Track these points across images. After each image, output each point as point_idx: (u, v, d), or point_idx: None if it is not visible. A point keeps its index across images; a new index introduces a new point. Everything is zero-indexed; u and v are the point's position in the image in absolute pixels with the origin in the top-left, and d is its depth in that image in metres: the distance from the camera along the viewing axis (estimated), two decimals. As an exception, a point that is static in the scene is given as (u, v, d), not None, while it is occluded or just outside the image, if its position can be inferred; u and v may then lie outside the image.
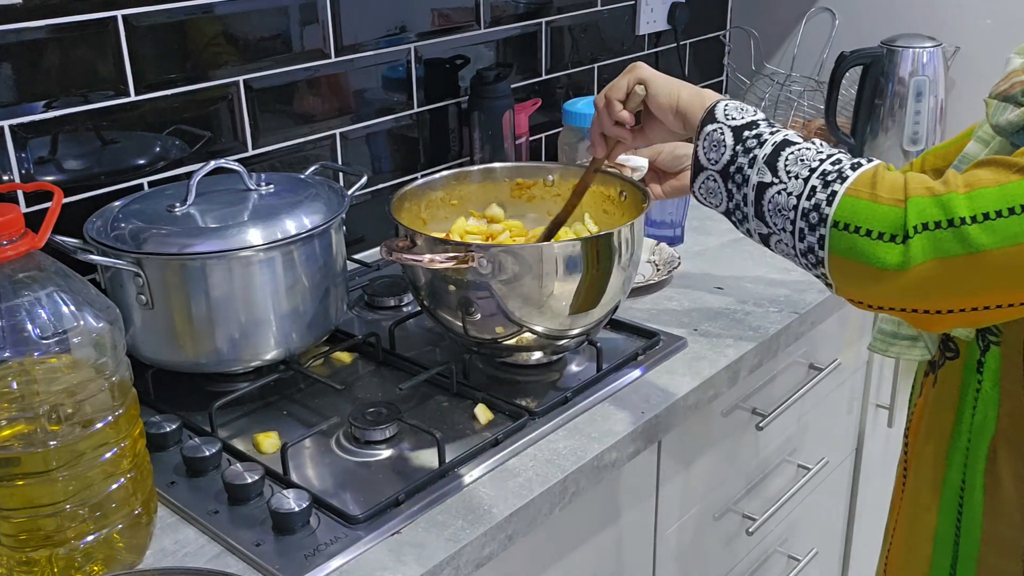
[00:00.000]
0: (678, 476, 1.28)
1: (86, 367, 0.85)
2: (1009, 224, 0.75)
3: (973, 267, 0.76)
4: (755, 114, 0.90)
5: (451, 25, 1.63)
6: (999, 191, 0.76)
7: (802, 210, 0.82)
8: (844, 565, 1.87)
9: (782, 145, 0.86)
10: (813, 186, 0.82)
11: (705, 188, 0.91)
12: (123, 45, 1.24)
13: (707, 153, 0.90)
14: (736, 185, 0.87)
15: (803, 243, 0.83)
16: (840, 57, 1.86)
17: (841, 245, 0.80)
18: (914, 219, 0.77)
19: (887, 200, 0.79)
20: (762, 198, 0.85)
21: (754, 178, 0.85)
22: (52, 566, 0.86)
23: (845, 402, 1.67)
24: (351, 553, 0.91)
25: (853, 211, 0.79)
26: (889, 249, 0.78)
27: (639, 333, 1.29)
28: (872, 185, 0.80)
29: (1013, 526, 0.94)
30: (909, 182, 0.80)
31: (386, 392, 1.18)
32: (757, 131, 0.87)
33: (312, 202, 1.17)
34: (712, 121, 0.90)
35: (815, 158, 0.84)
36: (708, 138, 0.90)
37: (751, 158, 0.86)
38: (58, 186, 0.93)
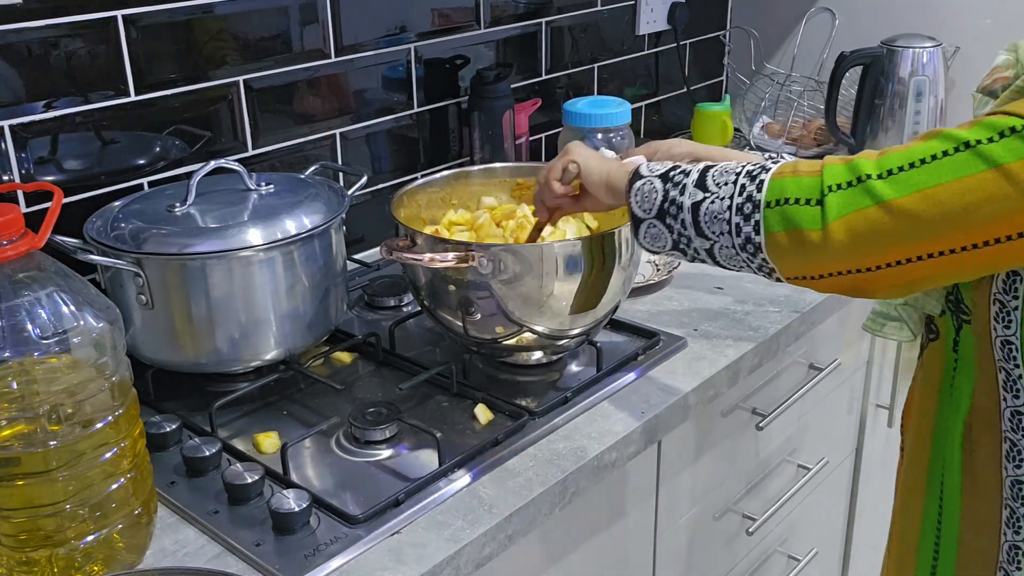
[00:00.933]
0: (678, 476, 1.28)
1: (86, 367, 0.85)
2: (911, 175, 0.82)
3: (884, 216, 0.83)
4: (674, 164, 0.98)
5: (451, 25, 1.63)
6: (904, 152, 0.84)
7: (736, 206, 0.90)
8: (844, 565, 1.87)
9: (706, 169, 0.94)
10: (742, 184, 0.90)
11: (649, 236, 0.98)
12: (123, 45, 1.24)
13: (641, 205, 0.97)
14: (672, 217, 0.95)
15: (740, 237, 0.90)
16: (840, 57, 1.86)
17: (773, 220, 0.88)
18: (828, 180, 0.85)
19: (807, 172, 0.87)
20: (698, 214, 0.93)
21: (688, 201, 0.93)
22: (52, 566, 0.86)
23: (845, 402, 1.67)
24: (351, 553, 0.91)
25: (781, 188, 0.88)
26: (812, 211, 0.85)
27: (639, 333, 1.29)
28: (793, 167, 0.89)
29: (989, 504, 0.96)
30: (826, 159, 0.88)
31: (386, 392, 1.18)
32: (681, 168, 0.96)
33: (312, 202, 1.17)
34: (639, 178, 0.98)
35: (737, 167, 0.92)
36: (638, 192, 0.97)
37: (680, 187, 0.94)
38: (58, 186, 0.93)
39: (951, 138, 0.81)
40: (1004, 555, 0.96)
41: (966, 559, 0.99)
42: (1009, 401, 0.92)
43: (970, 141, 0.80)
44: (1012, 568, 0.96)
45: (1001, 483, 0.94)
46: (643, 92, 2.09)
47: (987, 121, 0.80)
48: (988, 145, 0.79)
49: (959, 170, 0.80)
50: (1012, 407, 0.92)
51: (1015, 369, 0.91)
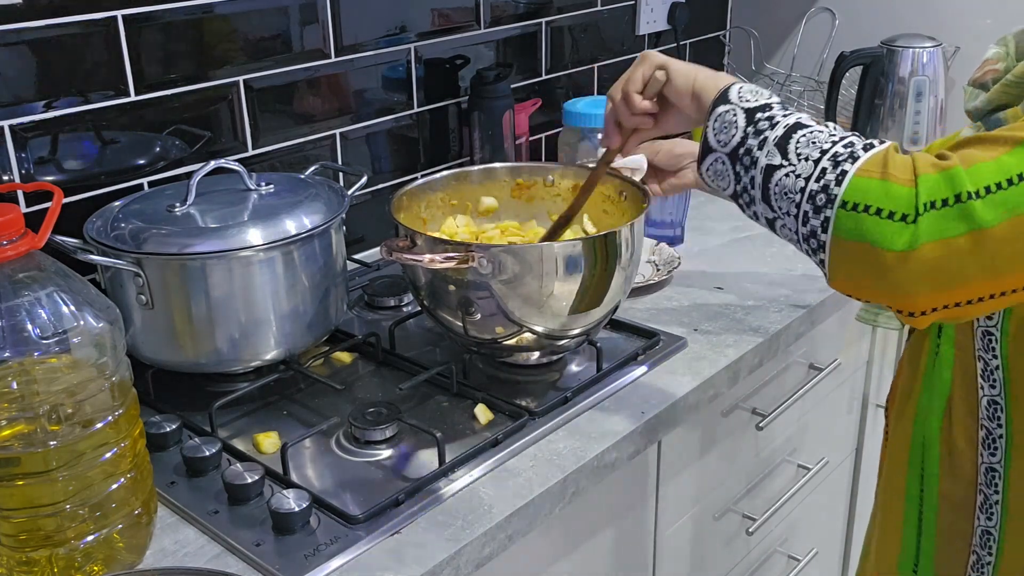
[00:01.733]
0: (678, 476, 1.28)
1: (86, 367, 0.85)
2: (1008, 196, 0.75)
3: (973, 246, 0.75)
4: (770, 97, 0.89)
5: (451, 25, 1.63)
6: (995, 164, 0.75)
7: (809, 192, 0.81)
8: (844, 565, 1.87)
9: (794, 128, 0.84)
10: (823, 168, 0.81)
11: (713, 170, 0.90)
12: (123, 45, 1.24)
13: (717, 135, 0.89)
14: (744, 167, 0.86)
15: (806, 227, 0.82)
16: (840, 57, 1.86)
17: (847, 225, 0.78)
18: (924, 197, 0.76)
19: (898, 179, 0.77)
20: (769, 180, 0.84)
21: (763, 160, 0.84)
22: (52, 566, 0.86)
23: (845, 402, 1.67)
24: (351, 553, 0.91)
25: (864, 191, 0.78)
26: (898, 229, 0.76)
27: (639, 333, 1.29)
28: (883, 165, 0.79)
29: (966, 483, 0.97)
30: (917, 161, 0.79)
31: (386, 392, 1.18)
32: (770, 113, 0.86)
33: (312, 202, 1.17)
34: (725, 102, 0.90)
35: (827, 140, 0.82)
36: (720, 119, 0.89)
37: (761, 140, 0.85)
38: (58, 186, 0.93)
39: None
40: (977, 539, 0.98)
41: (944, 538, 1.01)
42: (986, 390, 0.94)
43: None
44: (984, 552, 0.98)
45: (976, 469, 0.96)
46: (643, 92, 2.08)
47: None
48: None
49: None
50: (989, 396, 0.94)
51: (993, 359, 0.92)
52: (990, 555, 0.97)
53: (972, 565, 0.99)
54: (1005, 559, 0.97)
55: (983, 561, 0.98)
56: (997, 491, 0.95)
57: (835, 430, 1.68)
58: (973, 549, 0.99)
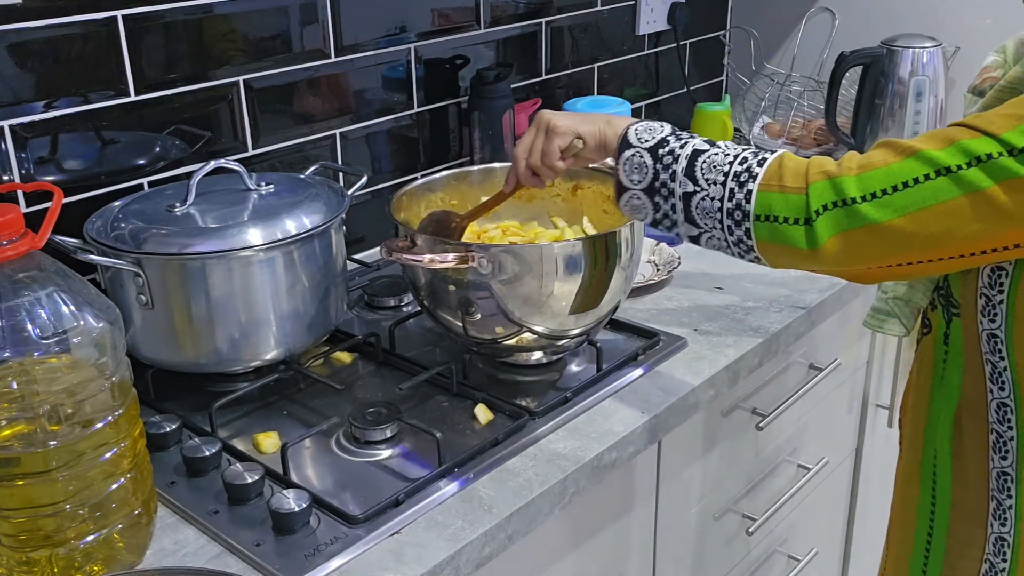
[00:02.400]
0: (678, 476, 1.28)
1: (86, 367, 0.85)
2: (894, 199, 0.84)
3: (872, 236, 0.85)
4: (662, 130, 0.99)
5: (451, 25, 1.63)
6: (885, 171, 0.85)
7: (726, 211, 0.93)
8: (844, 565, 1.87)
9: (693, 156, 0.95)
10: (731, 188, 0.92)
11: (630, 205, 1.00)
12: (123, 45, 1.24)
13: (629, 175, 0.99)
14: (663, 198, 0.97)
15: (733, 236, 0.93)
16: (840, 57, 1.86)
17: (764, 233, 0.91)
18: (815, 203, 0.87)
19: (792, 189, 0.89)
20: (689, 205, 0.95)
21: (678, 189, 0.95)
22: (52, 566, 0.86)
23: (845, 402, 1.67)
24: (351, 553, 0.91)
25: (768, 204, 0.90)
26: (801, 232, 0.88)
27: (639, 333, 1.29)
28: (779, 177, 0.90)
29: (978, 493, 0.98)
30: (810, 168, 0.90)
31: (386, 392, 1.18)
32: (669, 148, 0.97)
33: (312, 202, 1.17)
34: (628, 147, 0.99)
35: (724, 163, 0.93)
36: (628, 162, 0.99)
37: (671, 173, 0.96)
38: (58, 186, 0.93)
39: (929, 162, 0.83)
40: (990, 546, 0.98)
41: (955, 548, 1.01)
42: (995, 393, 0.94)
43: (950, 167, 0.82)
44: (997, 560, 0.98)
45: (988, 474, 0.96)
46: (643, 92, 2.09)
47: (962, 144, 0.82)
48: (966, 171, 0.81)
49: (939, 195, 0.82)
50: (998, 399, 0.94)
51: (1000, 361, 0.93)
52: (1004, 562, 0.97)
53: (985, 573, 0.98)
54: (1020, 564, 0.96)
55: (996, 568, 0.97)
56: (1010, 496, 0.95)
57: (835, 430, 1.68)
58: (986, 557, 0.98)
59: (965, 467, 0.98)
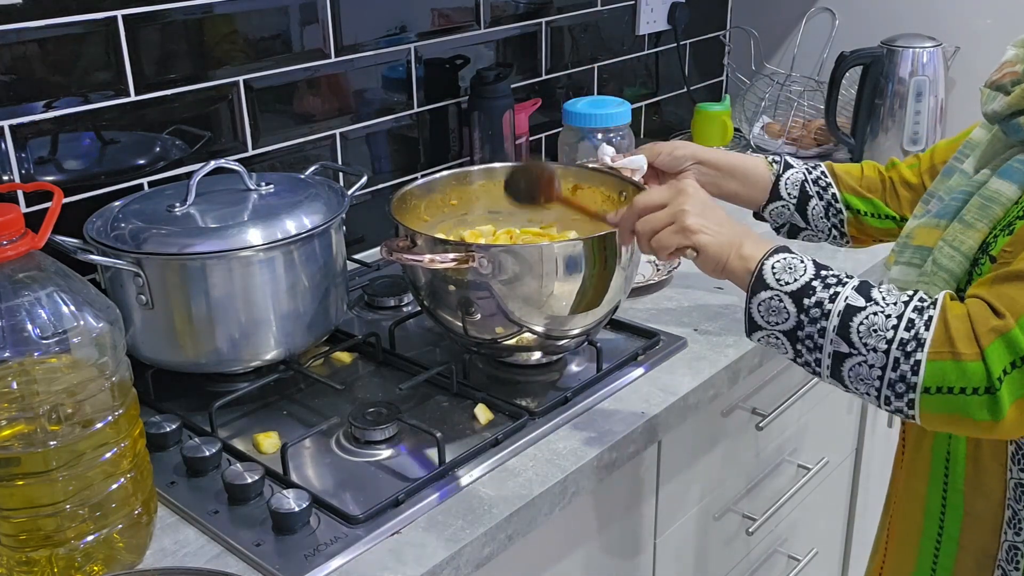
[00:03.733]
0: (678, 476, 1.28)
1: (86, 367, 0.85)
2: None
3: None
4: (804, 270, 0.90)
5: (451, 25, 1.63)
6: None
7: (888, 380, 0.84)
8: (844, 565, 1.87)
9: (847, 314, 0.86)
10: (896, 358, 0.84)
11: (766, 342, 0.92)
12: (123, 45, 1.24)
13: (765, 317, 0.91)
14: (808, 349, 0.89)
15: (891, 406, 0.86)
16: (840, 57, 1.86)
17: (934, 406, 0.83)
18: (996, 370, 0.80)
19: (967, 356, 0.82)
20: (841, 367, 0.87)
21: (828, 347, 0.87)
22: (52, 566, 0.86)
23: (845, 402, 1.67)
24: (351, 553, 0.91)
25: (941, 375, 0.82)
26: (981, 402, 0.81)
27: (639, 333, 1.29)
28: (950, 343, 0.82)
29: (992, 501, 0.96)
30: (977, 327, 0.82)
31: (386, 392, 1.18)
32: (816, 298, 0.88)
33: (312, 202, 1.17)
34: (765, 288, 0.90)
35: (886, 327, 0.85)
36: (765, 304, 0.91)
37: (819, 329, 0.87)
38: (58, 186, 0.93)
39: None
40: (1004, 554, 0.97)
41: (967, 552, 1.00)
42: None
43: None
44: (1011, 568, 0.96)
45: (1005, 484, 0.95)
46: (643, 92, 2.09)
47: None
48: None
49: None
50: None
51: None
52: (1017, 570, 0.96)
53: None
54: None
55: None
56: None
57: (835, 430, 1.68)
58: (999, 564, 0.97)
59: (981, 477, 0.97)
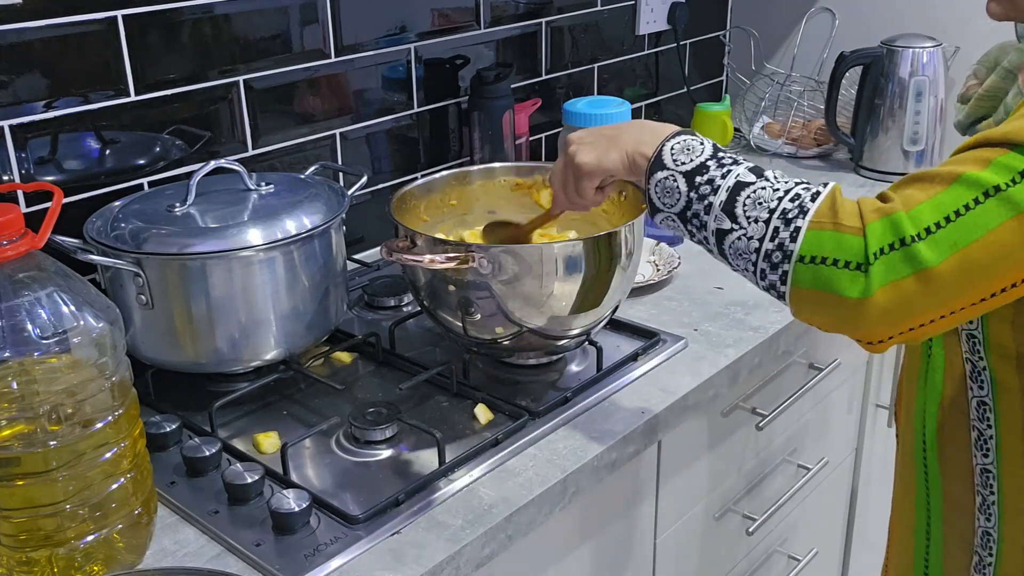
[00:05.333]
0: (678, 476, 1.28)
1: (86, 367, 0.85)
2: (947, 234, 0.78)
3: (920, 285, 0.79)
4: (702, 151, 0.90)
5: (451, 25, 1.63)
6: (932, 204, 0.79)
7: (764, 251, 0.84)
8: (844, 565, 1.87)
9: (736, 189, 0.86)
10: (775, 227, 0.83)
11: (666, 226, 0.93)
12: (123, 45, 1.24)
13: (661, 198, 0.91)
14: (696, 227, 0.89)
15: (764, 281, 0.85)
16: (840, 57, 1.86)
17: (806, 277, 0.81)
18: (873, 245, 0.79)
19: (849, 229, 0.80)
20: (722, 243, 0.87)
21: (712, 224, 0.87)
22: (52, 566, 0.86)
23: (845, 402, 1.67)
24: (351, 553, 0.91)
25: (818, 243, 0.81)
26: (853, 277, 0.79)
27: (639, 333, 1.29)
28: (834, 214, 0.81)
29: (964, 487, 0.99)
30: (863, 207, 0.81)
31: (386, 392, 1.18)
32: (708, 176, 0.88)
33: (312, 202, 1.17)
34: (661, 168, 0.91)
35: (772, 197, 0.84)
36: (660, 185, 0.91)
37: (706, 205, 0.87)
38: (58, 186, 0.93)
39: (975, 184, 0.78)
40: (978, 540, 0.99)
41: (951, 540, 1.02)
42: (975, 391, 0.95)
43: (999, 186, 0.77)
44: (985, 553, 0.99)
45: (972, 470, 0.97)
46: (643, 92, 2.09)
47: (1000, 161, 0.78)
48: (1013, 189, 0.77)
49: (989, 221, 0.77)
50: (978, 397, 0.95)
51: (979, 361, 0.94)
52: (990, 555, 0.98)
53: (975, 566, 1.00)
54: (1004, 559, 0.97)
55: (984, 562, 0.99)
56: (993, 492, 0.96)
57: (835, 430, 1.68)
58: (975, 550, 1.00)
59: (950, 463, 0.99)
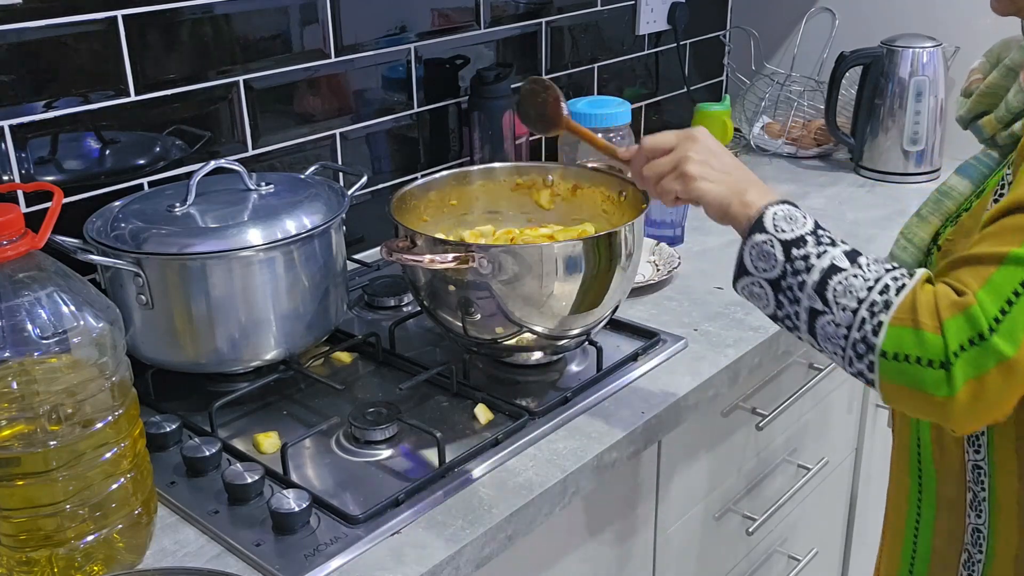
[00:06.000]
0: (678, 476, 1.28)
1: (86, 367, 0.85)
2: (1012, 319, 0.79)
3: (1005, 376, 0.79)
4: (804, 224, 0.91)
5: (451, 25, 1.63)
6: (989, 290, 0.80)
7: (852, 340, 0.85)
8: (844, 565, 1.87)
9: (829, 272, 0.87)
10: (862, 318, 0.84)
11: (750, 291, 0.93)
12: (123, 45, 1.24)
13: (755, 262, 0.91)
14: (788, 300, 0.90)
15: (852, 367, 0.86)
16: (840, 57, 1.86)
17: (891, 373, 0.83)
18: (953, 344, 0.80)
19: (928, 327, 0.81)
20: (814, 323, 0.88)
21: (805, 302, 0.88)
22: (52, 566, 0.86)
23: (845, 402, 1.67)
24: (351, 553, 0.91)
25: (900, 341, 0.82)
26: (936, 376, 0.80)
27: (639, 333, 1.29)
28: (913, 311, 0.82)
29: (956, 484, 0.99)
30: (939, 301, 0.82)
31: (386, 392, 1.18)
32: (804, 251, 0.89)
33: (312, 202, 1.17)
34: (761, 231, 0.91)
35: (862, 287, 0.85)
36: (757, 248, 0.91)
37: (800, 282, 0.88)
38: (58, 186, 0.93)
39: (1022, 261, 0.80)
40: (968, 536, 0.99)
41: (942, 537, 1.02)
42: None
43: None
44: (975, 550, 0.99)
45: (964, 466, 0.97)
46: (643, 92, 2.09)
47: None
48: None
49: None
50: None
51: None
52: (980, 552, 0.98)
53: (964, 563, 1.00)
54: (995, 556, 0.98)
55: (974, 559, 0.99)
56: (984, 488, 0.96)
57: (835, 430, 1.68)
58: (964, 547, 1.00)
59: (943, 459, 1.00)
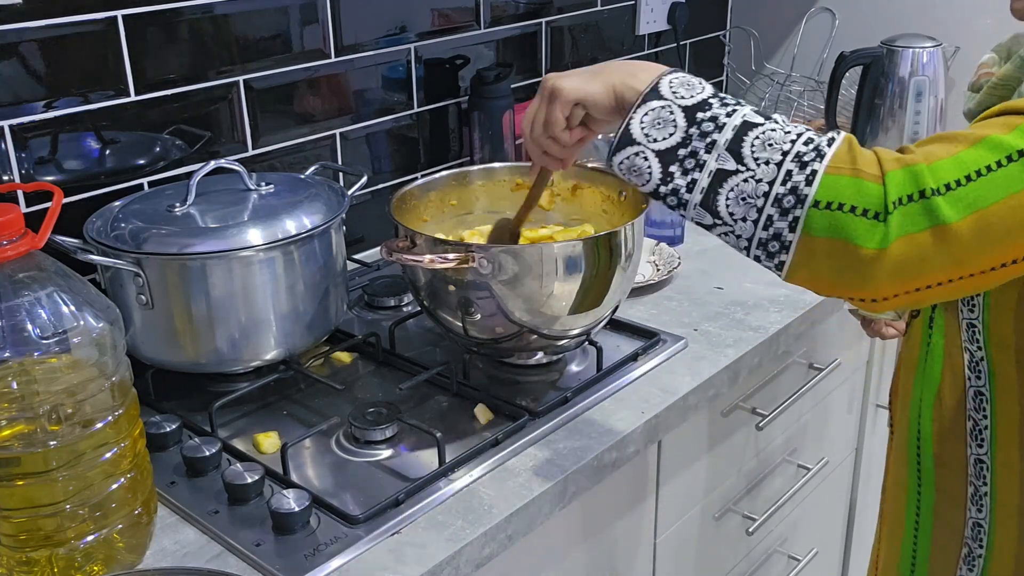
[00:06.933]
0: (678, 476, 1.28)
1: (86, 367, 0.85)
2: (967, 192, 0.75)
3: (938, 241, 0.76)
4: (702, 89, 0.84)
5: (451, 25, 1.63)
6: (955, 161, 0.76)
7: (775, 195, 0.78)
8: (844, 565, 1.87)
9: (743, 129, 0.80)
10: (788, 170, 0.78)
11: (629, 163, 0.84)
12: (123, 45, 1.24)
13: (645, 129, 0.83)
14: (683, 169, 0.82)
15: (768, 230, 0.80)
16: (840, 57, 1.86)
17: (820, 224, 0.77)
18: (893, 194, 0.76)
19: (868, 175, 0.77)
20: (720, 186, 0.80)
21: (712, 164, 0.80)
22: (52, 566, 0.86)
23: (845, 402, 1.67)
24: (351, 553, 0.91)
25: (836, 188, 0.77)
26: (871, 226, 0.76)
27: (639, 333, 1.29)
28: (852, 160, 0.78)
29: (957, 478, 0.98)
30: (881, 156, 0.78)
31: (386, 392, 1.18)
32: (712, 112, 0.82)
33: (312, 202, 1.17)
34: (657, 97, 0.84)
35: (783, 139, 0.79)
36: (652, 113, 0.83)
37: (708, 143, 0.81)
38: (58, 186, 0.93)
39: (1000, 146, 0.76)
40: (969, 531, 0.99)
41: (942, 531, 1.02)
42: (972, 381, 0.94)
43: (1022, 150, 0.75)
44: (975, 545, 0.99)
45: (966, 460, 0.97)
46: (643, 92, 2.08)
47: None
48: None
49: (1011, 185, 0.75)
50: (975, 387, 0.94)
51: (978, 351, 0.93)
52: (980, 547, 0.98)
53: (964, 558, 1.00)
54: (995, 550, 0.97)
55: (975, 554, 0.99)
56: (985, 483, 0.96)
57: (835, 430, 1.68)
58: (965, 541, 1.00)
59: (945, 452, 0.99)
